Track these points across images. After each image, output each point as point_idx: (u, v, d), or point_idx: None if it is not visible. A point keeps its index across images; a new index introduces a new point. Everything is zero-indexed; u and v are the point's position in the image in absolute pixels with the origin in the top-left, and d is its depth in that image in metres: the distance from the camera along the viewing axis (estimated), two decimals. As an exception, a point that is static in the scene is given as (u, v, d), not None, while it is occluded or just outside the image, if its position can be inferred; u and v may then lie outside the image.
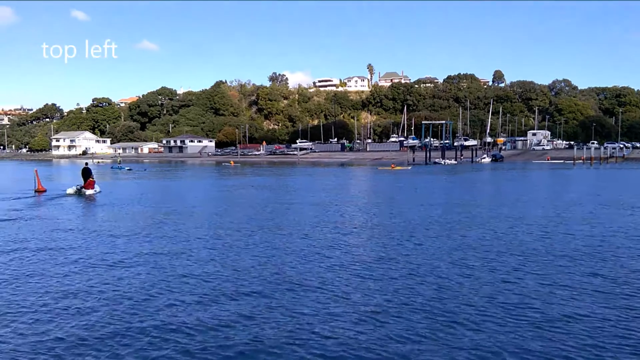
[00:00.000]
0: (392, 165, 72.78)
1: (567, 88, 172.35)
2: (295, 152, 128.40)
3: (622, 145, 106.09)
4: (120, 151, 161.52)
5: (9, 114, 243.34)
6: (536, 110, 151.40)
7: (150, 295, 10.50)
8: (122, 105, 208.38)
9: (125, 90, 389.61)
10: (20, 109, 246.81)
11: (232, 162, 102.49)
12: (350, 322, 8.74)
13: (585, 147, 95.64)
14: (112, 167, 74.67)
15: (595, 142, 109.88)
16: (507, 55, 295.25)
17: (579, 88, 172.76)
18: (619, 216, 21.51)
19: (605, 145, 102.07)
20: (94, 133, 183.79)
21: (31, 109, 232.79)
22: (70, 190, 31.60)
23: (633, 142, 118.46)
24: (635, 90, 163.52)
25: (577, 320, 8.73)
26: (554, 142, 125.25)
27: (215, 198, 33.97)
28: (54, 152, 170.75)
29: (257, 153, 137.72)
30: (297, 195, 33.42)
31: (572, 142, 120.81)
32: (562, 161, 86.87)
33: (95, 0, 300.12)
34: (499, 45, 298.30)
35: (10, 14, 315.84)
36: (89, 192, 31.16)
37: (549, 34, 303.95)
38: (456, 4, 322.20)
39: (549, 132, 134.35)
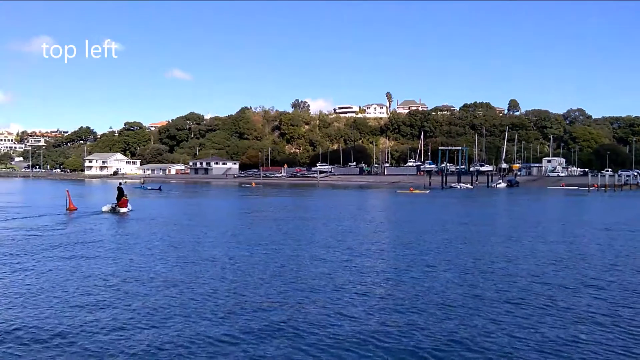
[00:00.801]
0: (411, 189, 72.34)
1: (581, 117, 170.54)
2: (315, 175, 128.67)
3: (636, 173, 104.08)
4: (149, 172, 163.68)
5: (46, 136, 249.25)
6: (551, 138, 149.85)
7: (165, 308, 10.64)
8: (153, 129, 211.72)
9: (155, 115, 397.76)
10: (57, 132, 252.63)
11: (253, 183, 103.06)
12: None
13: (599, 174, 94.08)
14: (134, 187, 75.73)
15: (610, 169, 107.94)
16: (523, 85, 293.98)
17: (593, 117, 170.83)
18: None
19: (620, 172, 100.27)
20: (124, 155, 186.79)
21: (67, 132, 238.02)
22: (105, 208, 32.54)
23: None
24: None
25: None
26: (569, 169, 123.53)
27: (237, 216, 34.31)
28: (87, 172, 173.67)
29: (278, 175, 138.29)
30: (330, 216, 33.48)
31: (586, 170, 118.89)
32: (576, 188, 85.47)
33: (127, 32, 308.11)
34: (515, 75, 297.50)
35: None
36: (122, 210, 31.91)
37: (564, 64, 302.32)
38: (472, 35, 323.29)
39: (564, 160, 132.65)
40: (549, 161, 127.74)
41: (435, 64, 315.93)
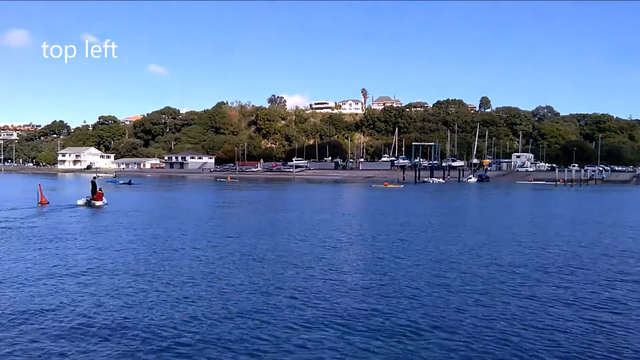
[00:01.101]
0: (385, 183, 72.76)
1: (549, 114, 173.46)
2: (291, 170, 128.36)
3: (601, 169, 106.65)
4: (124, 166, 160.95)
5: (19, 130, 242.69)
6: (520, 135, 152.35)
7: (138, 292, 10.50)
8: (127, 123, 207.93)
9: (131, 109, 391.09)
10: (30, 125, 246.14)
11: (228, 177, 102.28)
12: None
13: (566, 169, 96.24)
14: (107, 181, 74.42)
15: (576, 165, 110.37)
16: (494, 83, 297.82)
17: (561, 114, 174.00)
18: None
19: (586, 168, 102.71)
20: (98, 149, 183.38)
21: (40, 125, 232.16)
22: (80, 202, 32.11)
23: (612, 166, 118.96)
24: (614, 117, 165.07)
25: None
26: (537, 165, 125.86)
27: (211, 210, 34.06)
28: (60, 166, 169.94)
29: (254, 170, 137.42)
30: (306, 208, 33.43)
31: (554, 165, 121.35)
32: (544, 182, 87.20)
33: (106, 25, 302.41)
34: (486, 73, 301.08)
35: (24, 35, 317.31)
36: (98, 203, 31.57)
37: (534, 63, 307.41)
38: (445, 33, 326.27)
39: (532, 155, 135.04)
40: (518, 157, 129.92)
41: (410, 62, 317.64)
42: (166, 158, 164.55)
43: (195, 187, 72.60)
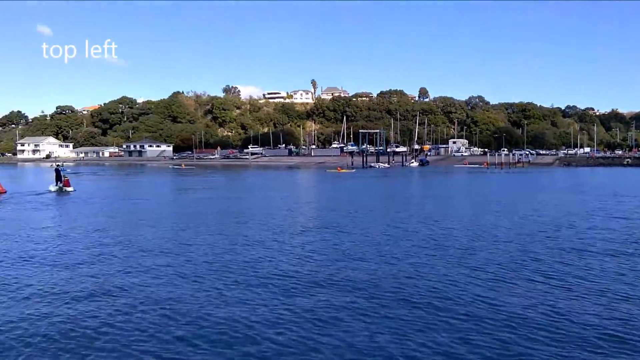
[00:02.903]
0: (339, 168, 73.10)
1: (480, 103, 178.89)
2: (248, 157, 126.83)
3: (527, 152, 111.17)
4: (83, 155, 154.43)
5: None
6: (455, 122, 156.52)
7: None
8: (85, 112, 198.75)
9: (87, 99, 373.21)
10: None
11: (183, 164, 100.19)
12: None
13: (497, 154, 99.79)
14: (54, 169, 71.38)
15: (506, 149, 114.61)
16: (431, 74, 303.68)
17: (491, 103, 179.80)
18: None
19: (514, 152, 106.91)
20: (57, 138, 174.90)
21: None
22: (52, 188, 32.34)
23: (537, 150, 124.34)
24: (538, 105, 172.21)
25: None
26: (471, 149, 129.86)
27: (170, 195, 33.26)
28: (19, 156, 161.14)
29: (212, 157, 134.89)
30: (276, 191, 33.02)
31: (486, 150, 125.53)
32: (477, 165, 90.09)
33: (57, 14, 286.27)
34: (424, 65, 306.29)
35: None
36: (68, 189, 31.95)
37: (467, 55, 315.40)
38: (387, 26, 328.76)
39: (467, 141, 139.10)
40: (454, 142, 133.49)
41: (356, 54, 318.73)
42: (124, 146, 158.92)
43: (153, 173, 70.58)
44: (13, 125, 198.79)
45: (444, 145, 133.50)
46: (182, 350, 6.73)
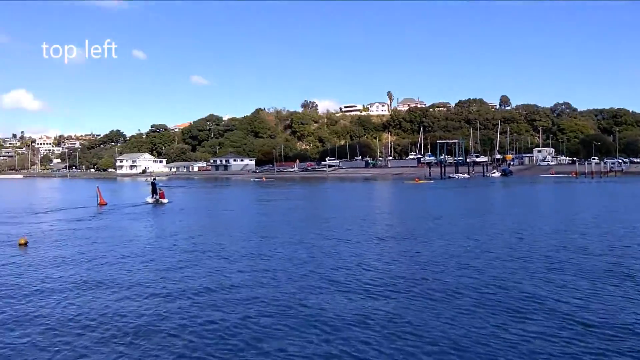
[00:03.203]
0: (417, 179, 71.96)
1: (567, 110, 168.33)
2: (325, 169, 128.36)
3: (620, 161, 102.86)
4: (174, 169, 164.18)
5: (81, 139, 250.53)
6: (540, 130, 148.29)
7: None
8: (176, 130, 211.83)
9: (179, 117, 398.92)
10: (90, 135, 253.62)
11: (263, 177, 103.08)
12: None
13: (587, 162, 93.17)
14: (147, 184, 76.17)
15: (596, 158, 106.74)
16: (513, 82, 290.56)
17: (579, 110, 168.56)
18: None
19: (605, 160, 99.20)
20: (152, 154, 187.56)
21: (99, 135, 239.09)
22: (149, 200, 34.58)
23: (630, 158, 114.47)
24: (630, 111, 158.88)
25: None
26: (558, 158, 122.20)
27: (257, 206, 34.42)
28: (118, 171, 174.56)
29: (291, 170, 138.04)
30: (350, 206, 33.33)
31: (574, 158, 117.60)
32: (565, 175, 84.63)
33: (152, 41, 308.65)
34: (505, 73, 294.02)
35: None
36: (164, 201, 34.02)
37: (551, 61, 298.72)
38: (467, 37, 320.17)
39: (553, 149, 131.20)
40: (539, 151, 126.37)
41: (432, 64, 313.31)
42: (211, 161, 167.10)
43: (237, 186, 73.50)
44: (113, 143, 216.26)
45: (528, 155, 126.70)
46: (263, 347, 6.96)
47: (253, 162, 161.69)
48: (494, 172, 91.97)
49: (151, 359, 6.78)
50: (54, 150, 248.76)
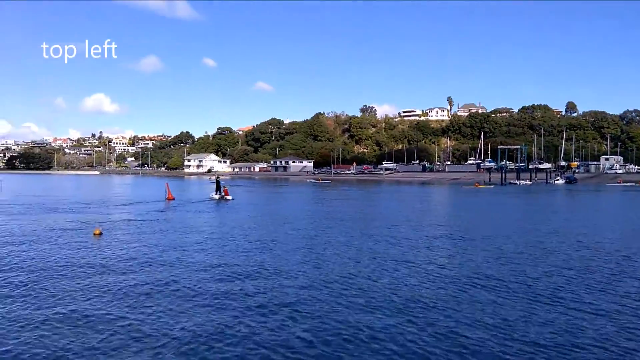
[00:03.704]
0: (476, 184, 70.01)
1: (637, 117, 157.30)
2: (381, 172, 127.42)
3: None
4: (237, 170, 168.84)
5: (153, 140, 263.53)
6: (608, 137, 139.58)
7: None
8: (240, 133, 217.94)
9: (243, 121, 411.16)
10: (162, 136, 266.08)
11: (320, 179, 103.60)
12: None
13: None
14: (211, 182, 78.46)
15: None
16: (580, 88, 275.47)
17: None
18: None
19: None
20: (217, 155, 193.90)
21: (170, 136, 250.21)
22: (215, 196, 35.55)
23: None
24: None
25: None
26: (627, 167, 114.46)
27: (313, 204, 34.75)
28: (186, 170, 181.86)
29: (348, 172, 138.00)
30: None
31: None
32: (633, 184, 79.11)
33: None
34: (572, 78, 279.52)
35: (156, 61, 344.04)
36: (228, 198, 34.97)
37: (622, 66, 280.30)
38: (531, 40, 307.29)
39: (622, 158, 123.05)
40: (606, 159, 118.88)
41: (495, 69, 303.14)
42: (272, 162, 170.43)
43: (294, 186, 74.53)
44: (182, 144, 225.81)
45: (595, 162, 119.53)
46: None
47: (311, 164, 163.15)
48: (558, 179, 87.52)
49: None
50: (128, 149, 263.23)
